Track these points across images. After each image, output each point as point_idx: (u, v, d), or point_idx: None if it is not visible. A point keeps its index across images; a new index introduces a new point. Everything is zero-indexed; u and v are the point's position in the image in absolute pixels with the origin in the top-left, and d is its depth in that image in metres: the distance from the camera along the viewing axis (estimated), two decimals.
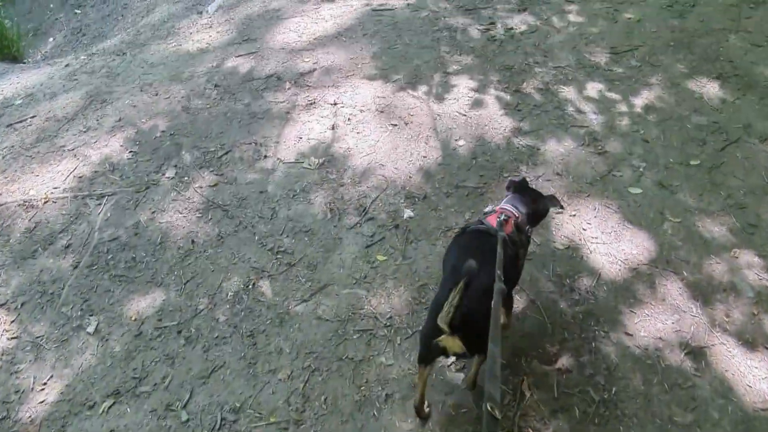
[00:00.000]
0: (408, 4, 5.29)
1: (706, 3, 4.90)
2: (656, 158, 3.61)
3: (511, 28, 4.84)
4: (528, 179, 2.72)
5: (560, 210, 2.83)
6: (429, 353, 2.16)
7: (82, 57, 5.61)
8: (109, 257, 3.33)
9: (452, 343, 1.99)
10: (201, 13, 5.99)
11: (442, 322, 1.92)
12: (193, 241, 3.36)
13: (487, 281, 2.00)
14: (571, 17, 4.91)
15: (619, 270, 3.01)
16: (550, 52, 4.55)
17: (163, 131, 4.17)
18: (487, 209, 2.53)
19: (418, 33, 4.91)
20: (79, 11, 7.90)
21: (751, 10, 4.76)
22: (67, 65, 5.44)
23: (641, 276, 2.98)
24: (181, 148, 4.01)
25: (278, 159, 3.85)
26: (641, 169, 3.55)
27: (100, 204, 3.65)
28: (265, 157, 3.87)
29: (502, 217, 2.34)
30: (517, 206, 2.46)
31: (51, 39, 7.77)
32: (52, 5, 8.31)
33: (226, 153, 3.93)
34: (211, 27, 5.54)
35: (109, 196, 3.70)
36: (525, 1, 5.16)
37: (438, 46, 4.75)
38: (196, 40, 5.32)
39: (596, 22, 4.81)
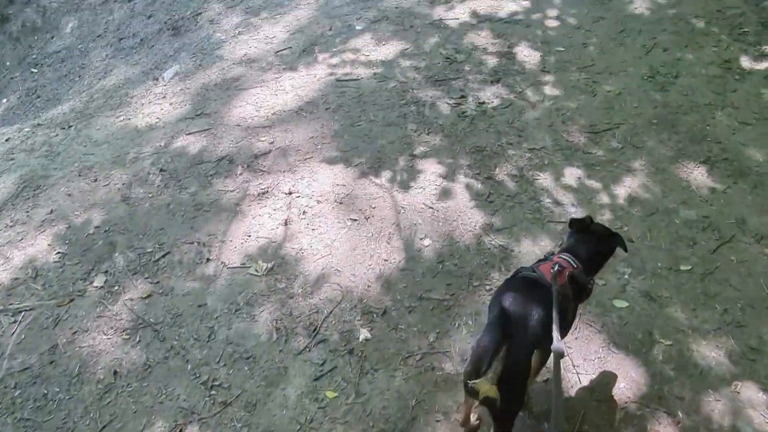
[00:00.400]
0: (375, 74, 4.96)
1: (688, 74, 4.61)
2: (642, 262, 3.23)
3: (483, 102, 4.50)
4: (591, 217, 2.43)
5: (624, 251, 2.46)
6: (468, 392, 2.11)
7: (26, 129, 5.20)
8: (16, 393, 2.86)
9: (487, 387, 1.88)
10: (157, 79, 5.62)
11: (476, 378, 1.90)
12: (115, 372, 2.91)
13: (530, 336, 2.03)
14: (547, 90, 4.59)
15: (605, 410, 2.60)
16: (525, 130, 4.21)
17: (97, 227, 3.74)
18: (544, 255, 2.41)
19: (384, 107, 4.56)
20: (35, 70, 7.52)
21: (736, 82, 4.47)
22: (7, 139, 5.03)
23: (631, 418, 2.57)
24: (114, 249, 3.57)
25: (222, 263, 3.42)
26: (626, 276, 3.17)
27: (15, 322, 3.19)
28: (208, 260, 3.45)
29: (556, 268, 2.19)
30: (577, 254, 2.31)
31: (4, 100, 7.36)
32: (8, 63, 7.92)
33: (165, 255, 3.50)
34: (164, 97, 5.16)
35: (27, 311, 3.24)
36: (498, 71, 4.84)
37: (405, 123, 4.39)
38: (147, 113, 4.93)
39: (574, 96, 4.49)
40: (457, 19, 5.60)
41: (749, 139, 3.98)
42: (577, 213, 3.55)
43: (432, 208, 3.66)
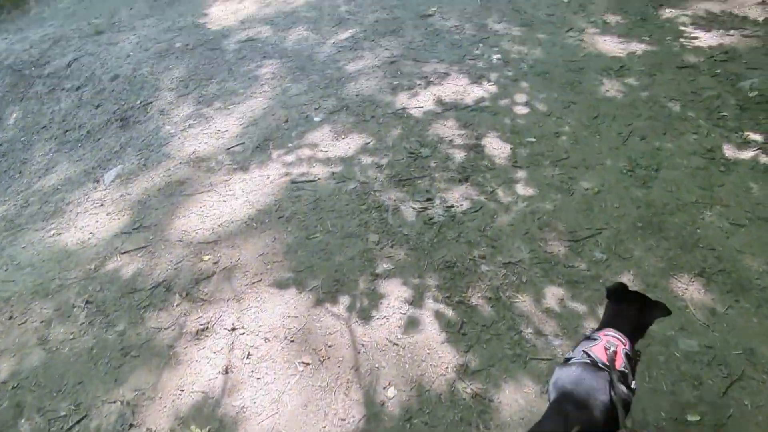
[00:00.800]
0: (333, 174, 4.53)
1: (670, 165, 4.27)
2: (644, 411, 2.75)
3: (452, 206, 4.09)
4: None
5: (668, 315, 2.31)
6: None
7: None
8: None
9: None
10: (98, 181, 5.14)
11: None
12: None
13: (594, 421, 1.95)
14: (520, 189, 4.19)
15: None
16: (499, 240, 3.78)
17: (4, 382, 3.18)
18: (588, 333, 2.29)
19: (343, 215, 4.11)
20: None
21: (722, 175, 4.13)
22: None
23: None
24: (21, 413, 3.00)
25: (147, 430, 2.85)
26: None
27: None
28: (131, 426, 2.89)
29: (611, 349, 2.10)
30: (623, 328, 2.21)
31: None
32: None
33: (81, 420, 2.94)
34: (102, 205, 4.66)
35: None
36: (466, 167, 4.45)
37: (366, 233, 3.94)
38: (80, 226, 4.42)
39: (549, 196, 4.10)
40: (421, 107, 5.27)
41: (744, 244, 3.59)
42: (563, 347, 3.08)
43: (397, 344, 3.16)
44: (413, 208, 4.14)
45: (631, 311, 2.28)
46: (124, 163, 5.29)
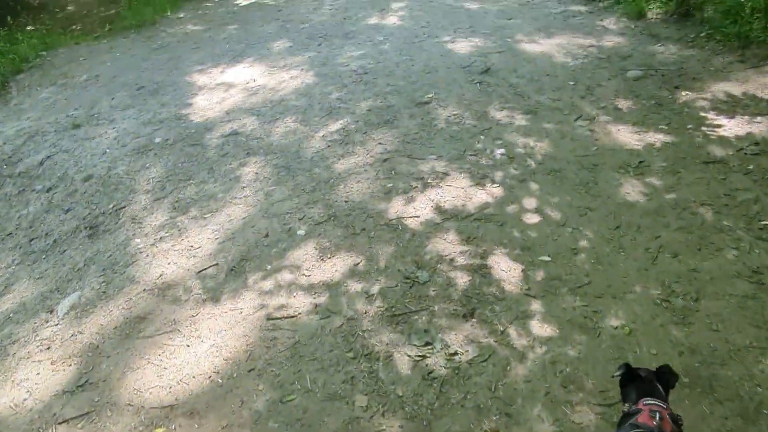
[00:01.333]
0: (316, 307, 3.88)
1: (712, 294, 3.62)
2: None
3: (455, 353, 3.41)
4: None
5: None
6: None
7: None
8: None
9: None
10: (52, 311, 4.50)
11: None
12: None
13: None
14: (536, 327, 3.52)
15: None
16: (514, 404, 3.08)
17: None
18: (625, 408, 2.24)
19: (326, 366, 3.44)
20: None
21: None
22: None
23: None
24: None
25: None
26: None
27: None
28: None
29: (657, 416, 2.02)
30: (657, 394, 2.19)
31: None
32: None
33: None
34: (49, 348, 4.01)
35: None
36: (471, 297, 3.79)
37: (352, 393, 3.26)
38: (19, 379, 3.75)
39: (571, 337, 3.42)
40: (418, 216, 4.66)
41: None
42: None
43: None
44: (409, 356, 3.46)
45: (653, 380, 2.29)
46: (83, 287, 4.67)
